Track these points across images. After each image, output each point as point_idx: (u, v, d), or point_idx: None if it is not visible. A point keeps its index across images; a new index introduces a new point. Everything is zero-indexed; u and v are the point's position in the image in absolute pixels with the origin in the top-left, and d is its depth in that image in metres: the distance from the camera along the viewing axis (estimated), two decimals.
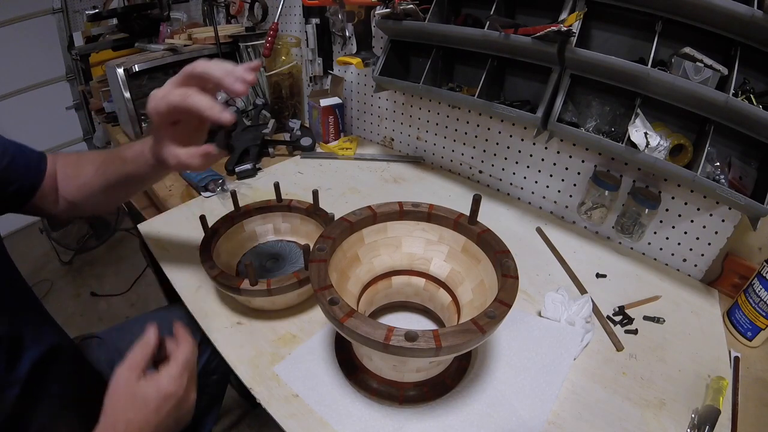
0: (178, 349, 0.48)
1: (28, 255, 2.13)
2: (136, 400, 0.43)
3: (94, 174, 0.59)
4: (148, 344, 0.47)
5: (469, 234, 0.55)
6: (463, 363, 0.56)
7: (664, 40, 0.61)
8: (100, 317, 1.85)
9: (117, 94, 1.22)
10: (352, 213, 0.57)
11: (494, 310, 0.43)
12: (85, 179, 0.59)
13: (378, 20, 0.88)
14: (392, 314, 0.64)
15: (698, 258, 0.73)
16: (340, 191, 0.96)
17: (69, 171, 0.60)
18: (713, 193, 0.60)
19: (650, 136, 0.63)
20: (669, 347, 0.60)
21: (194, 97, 0.44)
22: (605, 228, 0.82)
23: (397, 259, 0.60)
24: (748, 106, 0.55)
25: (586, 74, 0.68)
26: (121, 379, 0.44)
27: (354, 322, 0.41)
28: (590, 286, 0.70)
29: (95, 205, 0.63)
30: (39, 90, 2.21)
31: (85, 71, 1.79)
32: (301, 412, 0.50)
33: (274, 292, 0.56)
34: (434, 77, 0.88)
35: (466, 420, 0.49)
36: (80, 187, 0.60)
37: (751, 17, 0.52)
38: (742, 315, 0.63)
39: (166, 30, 1.53)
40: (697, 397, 0.53)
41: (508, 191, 0.97)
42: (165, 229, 0.82)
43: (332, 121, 1.17)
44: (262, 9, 1.31)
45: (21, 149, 0.56)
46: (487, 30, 0.73)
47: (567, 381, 0.54)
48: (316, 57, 1.20)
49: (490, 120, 0.93)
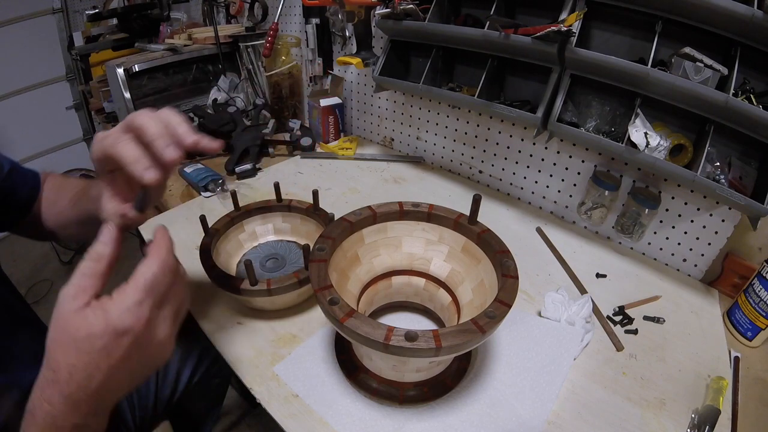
0: (141, 265, 0.35)
1: (28, 255, 2.13)
2: (78, 338, 0.32)
3: (68, 204, 0.55)
4: (102, 256, 0.35)
5: (469, 234, 0.55)
6: (463, 363, 0.56)
7: (664, 40, 0.61)
8: None
9: (117, 94, 1.22)
10: (352, 213, 0.57)
11: (494, 310, 0.43)
12: (62, 208, 0.56)
13: (378, 20, 0.88)
14: (392, 314, 0.64)
15: (698, 258, 0.73)
16: (340, 191, 0.96)
17: (50, 196, 0.58)
18: (713, 193, 0.60)
19: (650, 136, 0.63)
20: (669, 347, 0.60)
21: (121, 145, 0.37)
22: (605, 228, 0.82)
23: (397, 259, 0.60)
24: (748, 106, 0.55)
25: (586, 74, 0.68)
26: (62, 309, 0.32)
27: (354, 322, 0.41)
28: (590, 286, 0.70)
29: (71, 236, 0.59)
30: (39, 90, 2.21)
31: (85, 71, 1.80)
32: (301, 412, 0.50)
33: (274, 292, 0.56)
34: (434, 77, 0.88)
35: (466, 420, 0.49)
36: (57, 215, 0.57)
37: (751, 17, 0.52)
38: (742, 315, 0.63)
39: (166, 30, 1.53)
40: (697, 397, 0.53)
41: (508, 191, 0.97)
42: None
43: (332, 121, 1.17)
44: (262, 9, 1.31)
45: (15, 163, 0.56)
46: (487, 30, 0.73)
47: (567, 381, 0.54)
48: (316, 57, 1.20)
49: (490, 120, 0.93)
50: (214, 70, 1.37)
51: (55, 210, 0.57)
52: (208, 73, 1.38)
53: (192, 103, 1.34)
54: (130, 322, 0.32)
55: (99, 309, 0.32)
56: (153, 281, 0.34)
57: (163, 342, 0.36)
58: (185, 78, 1.34)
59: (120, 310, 0.32)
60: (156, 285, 0.35)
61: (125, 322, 0.32)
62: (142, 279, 0.34)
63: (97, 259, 0.35)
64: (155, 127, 0.37)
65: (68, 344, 0.32)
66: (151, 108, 0.39)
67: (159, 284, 0.35)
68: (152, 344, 0.35)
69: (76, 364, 0.32)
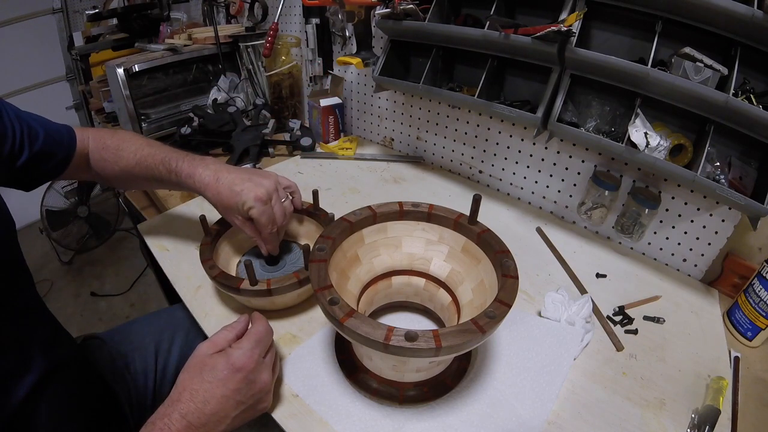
0: (253, 326, 0.49)
1: (28, 255, 2.12)
2: (204, 370, 0.43)
3: (133, 163, 0.65)
4: (234, 328, 0.48)
5: (469, 234, 0.55)
6: (463, 363, 0.56)
7: (664, 40, 0.61)
8: (100, 317, 1.86)
9: (117, 94, 1.22)
10: (352, 213, 0.57)
11: (494, 310, 0.43)
12: (126, 166, 0.65)
13: (378, 20, 0.88)
14: (392, 314, 0.64)
15: (698, 258, 0.73)
16: (340, 191, 0.96)
17: (107, 155, 0.65)
18: (713, 193, 0.60)
19: (650, 136, 0.63)
20: (669, 347, 0.60)
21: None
22: (605, 228, 0.82)
23: (397, 259, 0.60)
24: (748, 106, 0.55)
25: (586, 74, 0.68)
26: (198, 353, 0.45)
27: (354, 322, 0.41)
28: (590, 286, 0.70)
29: (129, 185, 0.73)
30: (39, 90, 2.21)
31: (85, 71, 1.79)
32: (301, 412, 0.50)
33: (274, 292, 0.56)
34: (434, 77, 0.88)
35: (466, 420, 0.49)
36: (120, 172, 0.66)
37: (751, 17, 0.52)
38: (742, 315, 0.63)
39: (166, 30, 1.53)
40: (697, 397, 0.53)
41: (508, 191, 0.97)
42: (165, 229, 0.82)
43: (332, 121, 1.17)
44: (262, 9, 1.31)
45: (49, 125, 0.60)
46: (487, 30, 0.73)
47: (567, 381, 0.54)
48: (316, 57, 1.19)
49: (490, 120, 0.93)
50: (214, 70, 1.37)
51: (117, 168, 0.65)
52: (208, 73, 1.38)
53: (192, 103, 1.34)
54: (244, 361, 0.44)
55: (224, 353, 0.45)
56: (262, 335, 0.48)
57: (265, 384, 0.46)
58: (185, 78, 1.34)
59: (238, 353, 0.45)
60: (262, 338, 0.48)
61: (241, 361, 0.44)
62: (255, 333, 0.47)
63: (231, 331, 0.48)
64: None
65: (195, 374, 0.43)
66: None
67: (264, 338, 0.48)
68: (257, 384, 0.45)
69: (198, 389, 0.42)
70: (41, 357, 0.52)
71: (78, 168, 0.65)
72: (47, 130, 0.59)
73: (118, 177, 0.67)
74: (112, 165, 0.65)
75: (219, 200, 0.60)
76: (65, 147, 0.62)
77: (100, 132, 0.67)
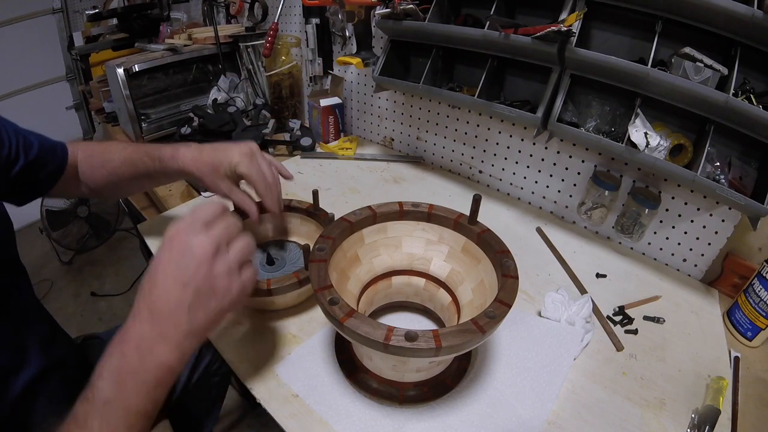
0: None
1: (28, 255, 2.13)
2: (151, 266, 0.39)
3: (120, 164, 0.65)
4: (214, 203, 0.43)
5: (469, 234, 0.55)
6: (463, 363, 0.56)
7: (664, 40, 0.61)
8: (100, 317, 1.86)
9: (117, 94, 1.22)
10: (352, 213, 0.57)
11: (494, 310, 0.43)
12: (113, 168, 0.65)
13: (378, 20, 0.88)
14: (392, 314, 0.64)
15: (698, 258, 0.73)
16: (340, 191, 0.96)
17: (94, 161, 0.65)
18: (713, 193, 0.60)
19: (650, 136, 0.63)
20: (669, 347, 0.60)
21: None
22: (605, 228, 0.82)
23: (397, 259, 0.60)
24: (748, 106, 0.55)
25: (586, 74, 0.68)
26: (171, 229, 0.41)
27: (354, 322, 0.41)
28: (590, 286, 0.70)
29: (117, 191, 0.72)
30: (39, 90, 2.21)
31: (85, 71, 1.79)
32: (301, 412, 0.50)
33: (274, 292, 0.56)
34: (434, 77, 0.88)
35: (466, 420, 0.49)
36: (108, 175, 0.65)
37: (751, 17, 0.52)
38: (742, 315, 0.63)
39: (166, 30, 1.53)
40: (697, 397, 0.53)
41: (508, 191, 0.97)
42: (165, 229, 0.82)
43: (332, 121, 1.17)
44: (262, 9, 1.31)
45: (43, 137, 0.61)
46: (487, 30, 0.73)
47: (567, 381, 0.54)
48: (316, 57, 1.20)
49: (490, 120, 0.93)
50: (214, 70, 1.37)
51: (104, 172, 0.65)
52: (208, 73, 1.38)
53: (192, 103, 1.34)
54: (176, 227, 0.42)
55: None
56: (209, 213, 0.43)
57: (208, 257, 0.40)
58: (185, 78, 1.34)
59: (172, 225, 0.42)
60: (210, 216, 0.43)
61: (172, 228, 0.42)
62: (198, 210, 0.43)
63: (212, 204, 0.43)
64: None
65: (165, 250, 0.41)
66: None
67: (213, 217, 0.43)
68: (196, 255, 0.40)
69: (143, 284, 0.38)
70: (38, 354, 0.52)
71: (68, 181, 0.64)
72: (41, 142, 0.60)
73: (106, 183, 0.66)
74: (100, 169, 0.65)
75: (204, 167, 0.61)
76: (59, 157, 0.62)
77: (88, 143, 0.69)
